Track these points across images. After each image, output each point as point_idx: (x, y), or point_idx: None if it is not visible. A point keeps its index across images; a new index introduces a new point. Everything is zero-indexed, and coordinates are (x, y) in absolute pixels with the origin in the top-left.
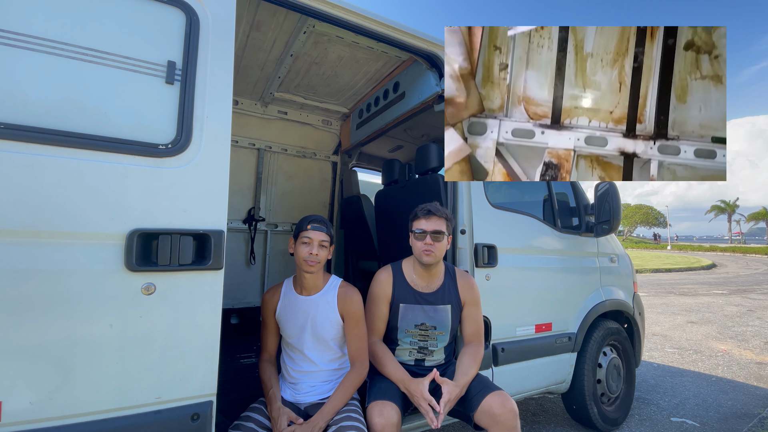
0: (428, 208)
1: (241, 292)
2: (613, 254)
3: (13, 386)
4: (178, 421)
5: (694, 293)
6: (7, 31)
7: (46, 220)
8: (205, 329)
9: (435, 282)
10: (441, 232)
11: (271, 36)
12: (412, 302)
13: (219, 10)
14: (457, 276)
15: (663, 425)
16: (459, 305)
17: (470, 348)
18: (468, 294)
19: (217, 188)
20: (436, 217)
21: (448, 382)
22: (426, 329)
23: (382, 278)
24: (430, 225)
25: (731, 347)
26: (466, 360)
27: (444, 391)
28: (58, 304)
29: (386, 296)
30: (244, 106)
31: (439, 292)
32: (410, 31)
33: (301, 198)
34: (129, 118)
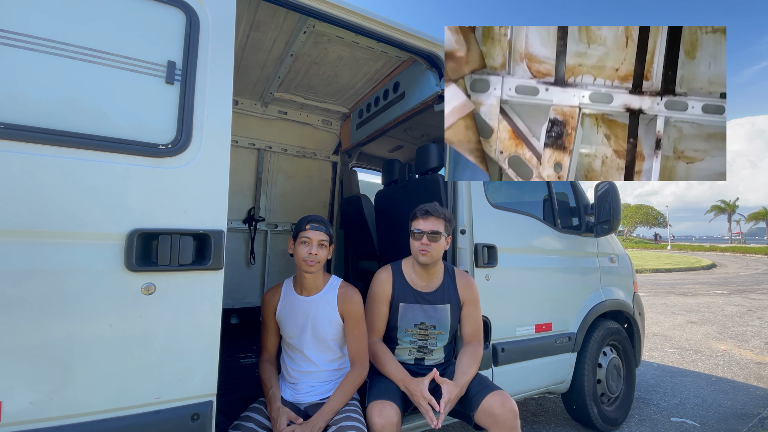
0: (426, 208)
1: (241, 292)
2: (613, 254)
3: (13, 386)
4: (178, 421)
5: (694, 293)
6: (7, 31)
7: (46, 220)
8: (205, 329)
9: (434, 281)
10: (438, 233)
11: (271, 36)
12: (412, 301)
13: (219, 10)
14: (456, 276)
15: (663, 425)
16: (458, 305)
17: (469, 348)
18: (467, 293)
19: (217, 188)
20: (433, 218)
21: (448, 382)
22: (426, 328)
23: (382, 278)
24: (428, 225)
25: (731, 347)
26: (466, 360)
27: (444, 391)
28: (59, 304)
29: (386, 295)
30: (244, 106)
31: (438, 292)
32: (410, 31)
33: (301, 198)
34: (129, 118)
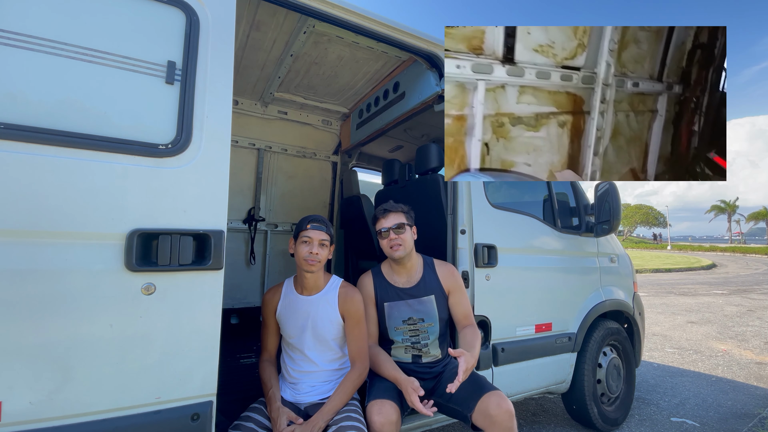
0: (384, 207)
1: (241, 292)
2: (613, 254)
3: (13, 386)
4: (178, 421)
5: (694, 293)
6: (7, 31)
7: (46, 220)
8: (205, 329)
9: (414, 275)
10: (402, 224)
11: (271, 36)
12: (396, 299)
13: (219, 10)
14: (436, 266)
15: (663, 425)
16: (443, 294)
17: (467, 329)
18: (450, 281)
19: (217, 188)
20: (392, 213)
21: (465, 353)
22: (414, 323)
23: (364, 282)
24: (390, 221)
25: (731, 347)
26: (469, 337)
27: (461, 361)
28: (58, 304)
29: (370, 298)
30: (244, 106)
31: (420, 285)
32: (410, 31)
33: (301, 198)
34: (129, 118)
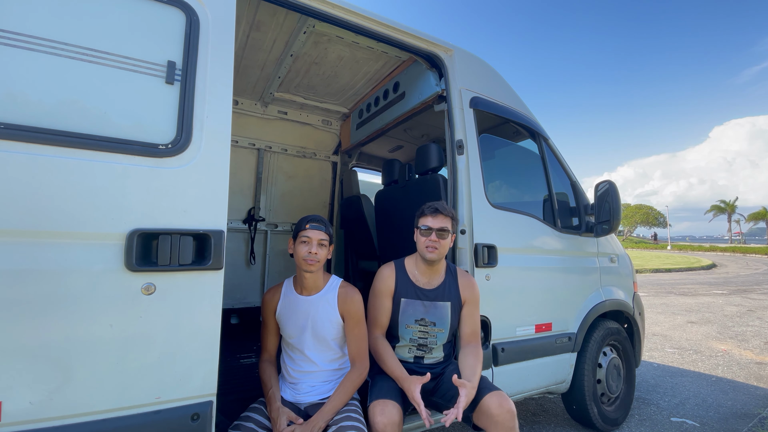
0: (435, 206)
1: (241, 292)
2: (613, 254)
3: (13, 386)
4: (178, 421)
5: (694, 293)
6: (7, 31)
7: (46, 220)
8: (205, 329)
9: (436, 279)
10: (446, 230)
11: (271, 36)
12: (413, 297)
13: (219, 10)
14: (458, 275)
15: (663, 425)
16: (459, 303)
17: (470, 349)
18: (468, 293)
19: (217, 188)
20: (442, 216)
21: (467, 385)
22: (425, 324)
23: (385, 273)
24: (437, 222)
25: (731, 347)
26: (471, 361)
27: (462, 394)
28: (58, 304)
29: (389, 291)
30: (244, 106)
31: (439, 289)
32: (410, 31)
33: (301, 198)
34: (129, 118)
